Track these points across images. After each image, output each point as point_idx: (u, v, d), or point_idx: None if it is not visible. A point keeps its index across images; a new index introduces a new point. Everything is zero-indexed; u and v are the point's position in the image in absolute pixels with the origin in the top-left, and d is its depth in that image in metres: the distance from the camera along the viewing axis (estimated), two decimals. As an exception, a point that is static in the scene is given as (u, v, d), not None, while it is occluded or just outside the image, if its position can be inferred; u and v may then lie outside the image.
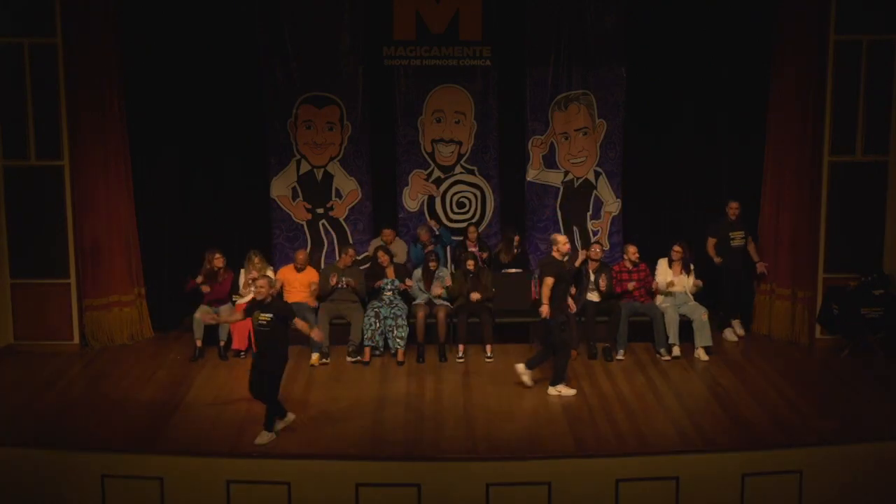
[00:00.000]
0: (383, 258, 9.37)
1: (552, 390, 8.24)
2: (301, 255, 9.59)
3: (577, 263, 9.60)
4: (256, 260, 9.48)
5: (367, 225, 10.49)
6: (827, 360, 9.12)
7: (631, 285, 9.41)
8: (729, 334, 9.84)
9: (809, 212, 9.53)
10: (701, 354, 9.18)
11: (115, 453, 7.07)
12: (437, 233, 10.18)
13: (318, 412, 7.84)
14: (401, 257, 9.92)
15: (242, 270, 9.54)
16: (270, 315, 7.28)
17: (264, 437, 7.18)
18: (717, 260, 9.74)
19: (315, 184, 10.40)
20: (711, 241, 9.79)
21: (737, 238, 9.72)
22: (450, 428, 7.50)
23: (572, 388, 8.28)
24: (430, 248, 9.84)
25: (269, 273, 9.56)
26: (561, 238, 8.30)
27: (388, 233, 9.88)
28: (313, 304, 9.34)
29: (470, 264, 9.38)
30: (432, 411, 7.88)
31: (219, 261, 9.38)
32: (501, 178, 10.54)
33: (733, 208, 9.72)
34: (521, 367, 8.41)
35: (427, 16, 10.05)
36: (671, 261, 9.47)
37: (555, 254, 8.23)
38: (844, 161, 9.37)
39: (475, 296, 9.31)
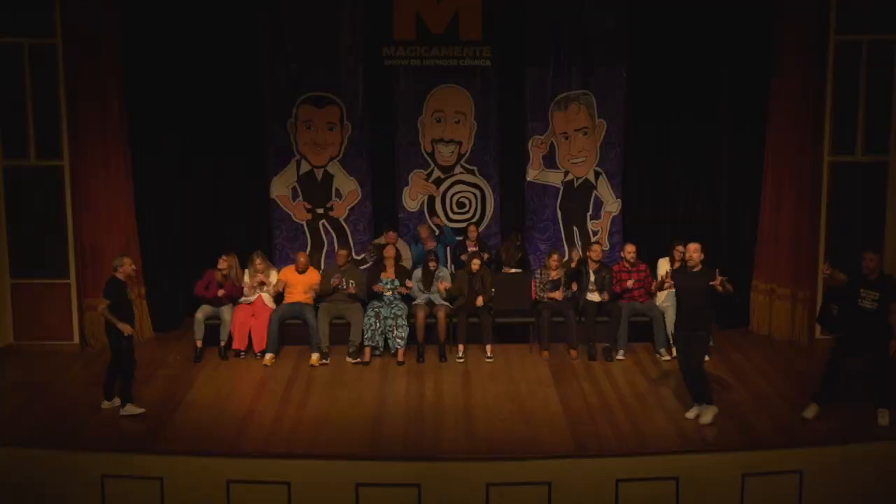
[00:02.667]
0: (390, 252, 9.35)
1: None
2: (303, 258, 9.60)
3: (573, 265, 9.59)
4: (258, 261, 9.48)
5: (367, 225, 10.49)
6: (827, 360, 9.09)
7: (630, 282, 9.40)
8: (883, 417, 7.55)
9: (809, 212, 9.53)
10: (701, 354, 9.18)
11: (115, 453, 7.07)
12: (441, 231, 10.16)
13: (318, 412, 7.84)
14: (403, 258, 9.91)
15: (246, 271, 9.54)
16: None
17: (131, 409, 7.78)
18: (829, 272, 7.74)
19: (315, 184, 10.40)
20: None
21: (868, 298, 7.40)
22: (450, 428, 7.50)
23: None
24: (432, 246, 9.83)
25: (273, 274, 9.57)
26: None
27: (392, 235, 9.86)
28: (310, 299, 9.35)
29: (475, 264, 9.37)
30: (432, 411, 7.88)
31: (223, 263, 9.34)
32: (501, 178, 10.54)
33: (868, 259, 7.40)
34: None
35: (427, 16, 10.04)
36: (673, 260, 9.45)
37: None
38: (844, 161, 9.38)
39: (480, 301, 9.29)
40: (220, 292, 9.23)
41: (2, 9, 8.99)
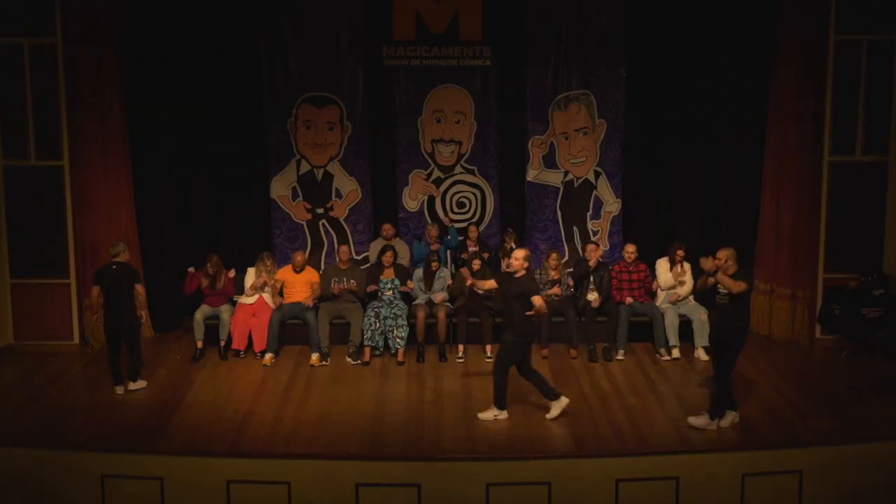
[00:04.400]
0: (388, 258, 9.35)
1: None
2: (299, 257, 9.59)
3: (591, 264, 9.55)
4: (269, 262, 9.49)
5: (367, 225, 10.49)
6: (827, 360, 9.12)
7: (629, 300, 9.40)
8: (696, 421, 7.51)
9: (809, 212, 9.53)
10: (701, 354, 9.18)
11: (115, 453, 7.08)
12: (447, 234, 10.17)
13: (318, 412, 7.84)
14: (402, 257, 9.92)
15: (251, 270, 9.53)
16: None
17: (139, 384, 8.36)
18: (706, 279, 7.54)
19: (315, 184, 10.40)
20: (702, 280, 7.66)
21: (721, 293, 7.41)
22: (450, 428, 7.50)
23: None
24: (436, 248, 9.83)
25: (275, 275, 9.57)
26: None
27: (388, 227, 9.87)
28: (310, 303, 9.35)
29: (476, 264, 9.37)
30: (432, 411, 7.88)
31: (211, 263, 9.35)
32: (501, 178, 10.54)
33: (719, 259, 7.35)
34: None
35: (427, 16, 10.05)
36: (672, 261, 9.46)
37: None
38: (844, 161, 9.38)
39: (490, 283, 9.07)
40: (196, 284, 9.36)
41: (2, 9, 8.99)
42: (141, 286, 8.35)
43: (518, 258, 7.60)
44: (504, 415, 7.71)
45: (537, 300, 7.46)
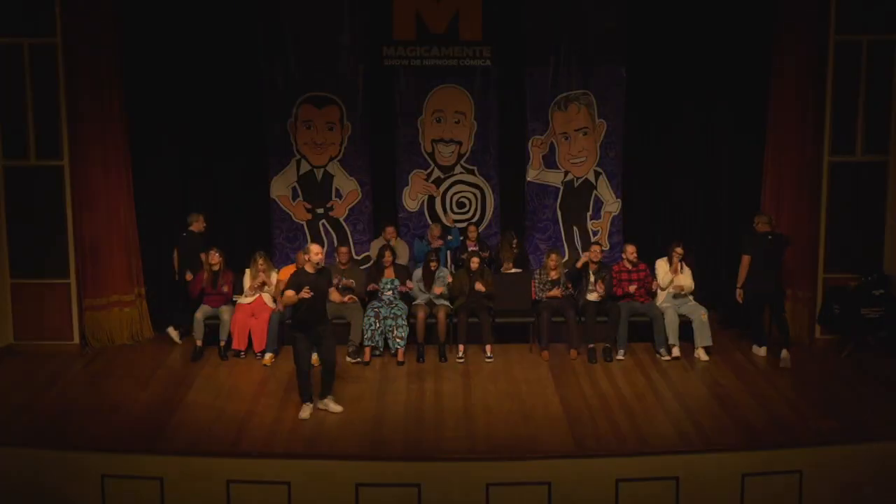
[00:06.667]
0: (388, 257, 9.36)
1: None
2: (302, 256, 9.58)
3: (578, 265, 9.60)
4: (261, 261, 9.48)
5: (367, 225, 10.50)
6: (827, 360, 9.12)
7: (632, 288, 9.40)
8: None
9: (809, 212, 9.53)
10: (701, 354, 9.18)
11: (115, 453, 7.07)
12: (449, 235, 10.17)
13: (318, 412, 7.84)
14: (402, 257, 9.92)
15: (248, 271, 9.54)
16: None
17: None
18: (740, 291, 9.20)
19: (315, 184, 10.41)
20: (746, 259, 9.18)
21: None
22: (450, 428, 7.50)
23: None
24: (438, 245, 9.83)
25: (273, 275, 9.56)
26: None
27: (390, 230, 9.88)
28: (287, 303, 9.31)
29: (475, 263, 9.38)
30: (432, 411, 7.88)
31: (213, 257, 9.37)
32: (501, 178, 10.55)
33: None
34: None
35: (427, 16, 10.06)
36: (671, 261, 9.46)
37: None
38: (844, 161, 9.38)
39: (480, 286, 9.26)
40: (199, 285, 9.42)
41: (2, 9, 8.99)
42: (203, 254, 9.49)
43: (319, 253, 7.78)
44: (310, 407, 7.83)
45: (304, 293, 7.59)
